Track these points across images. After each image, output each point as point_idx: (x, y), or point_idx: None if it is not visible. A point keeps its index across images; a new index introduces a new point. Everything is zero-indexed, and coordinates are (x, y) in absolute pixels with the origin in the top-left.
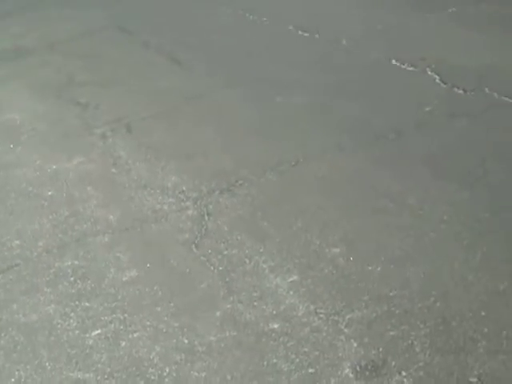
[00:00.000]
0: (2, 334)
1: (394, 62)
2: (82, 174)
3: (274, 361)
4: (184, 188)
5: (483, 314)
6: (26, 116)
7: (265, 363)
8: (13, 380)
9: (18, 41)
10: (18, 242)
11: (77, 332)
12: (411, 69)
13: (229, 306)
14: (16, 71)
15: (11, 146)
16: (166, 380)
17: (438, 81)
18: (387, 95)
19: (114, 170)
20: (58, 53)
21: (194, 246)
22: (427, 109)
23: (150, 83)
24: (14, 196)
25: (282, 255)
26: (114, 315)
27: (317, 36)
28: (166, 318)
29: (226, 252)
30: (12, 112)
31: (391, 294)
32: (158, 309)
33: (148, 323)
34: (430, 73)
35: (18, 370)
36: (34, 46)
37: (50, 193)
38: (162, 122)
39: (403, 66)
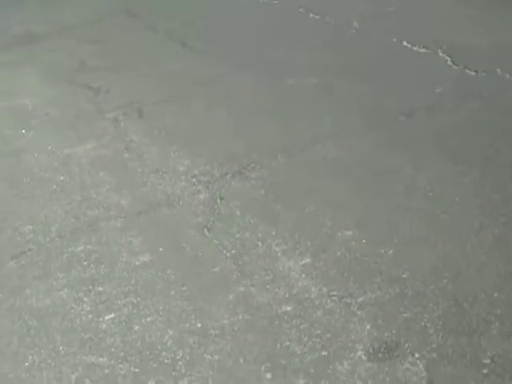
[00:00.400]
0: (16, 319)
1: (405, 43)
2: (94, 159)
3: (287, 343)
4: (196, 172)
5: (496, 295)
6: (38, 101)
7: (278, 346)
8: (27, 364)
9: (29, 26)
10: (30, 227)
11: (90, 316)
12: (422, 50)
13: (242, 289)
14: (27, 56)
15: (23, 131)
16: (180, 363)
17: (449, 62)
18: (398, 77)
19: (126, 155)
20: (69, 38)
21: (206, 229)
22: (438, 90)
23: (160, 67)
24: (26, 181)
25: (295, 238)
26: (127, 299)
27: (328, 18)
28: (178, 302)
29: (238, 235)
30: (24, 97)
31: (404, 275)
32: (171, 292)
33: (161, 307)
34: (441, 54)
35: (31, 355)
36: (45, 31)
37: (62, 178)
38: (174, 106)
39: (414, 48)
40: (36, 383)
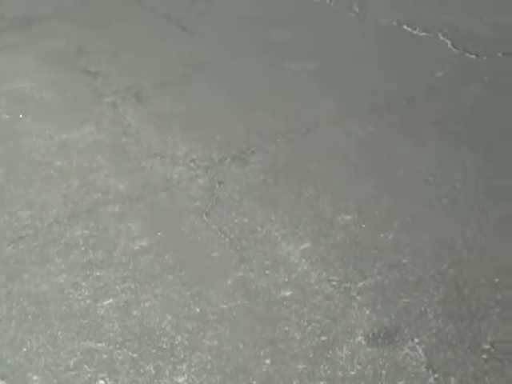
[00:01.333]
0: (14, 304)
1: (405, 27)
2: (92, 144)
3: (286, 329)
4: (195, 156)
5: (496, 280)
6: (36, 85)
7: (277, 331)
8: (25, 350)
9: (28, 9)
10: (28, 212)
11: (88, 302)
12: (423, 34)
13: (240, 274)
14: (26, 40)
15: (20, 115)
16: (178, 348)
17: (450, 46)
18: (399, 61)
19: (124, 139)
20: (68, 22)
21: (205, 214)
22: (439, 74)
23: (160, 51)
24: (23, 166)
25: (294, 223)
26: (126, 284)
27: (328, 1)
28: (177, 287)
29: (237, 220)
30: (21, 81)
31: (404, 260)
32: (170, 277)
33: (159, 292)
34: (441, 38)
35: (29, 340)
36: (44, 15)
37: (59, 163)
38: (173, 90)
39: (415, 32)
40: (34, 368)
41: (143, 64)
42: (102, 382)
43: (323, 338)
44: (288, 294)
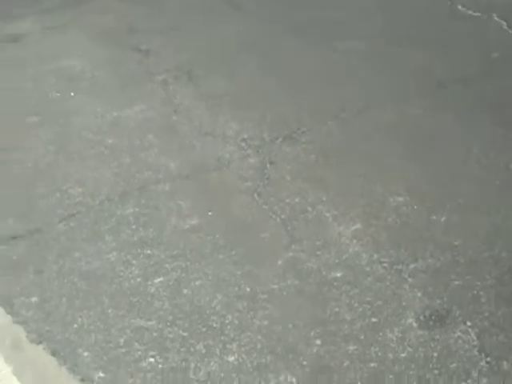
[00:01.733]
0: (65, 281)
1: (459, 7)
2: (143, 122)
3: (337, 309)
4: (245, 136)
5: None
6: (86, 63)
7: (327, 312)
8: (75, 326)
9: None
10: (79, 189)
11: (138, 280)
12: (477, 14)
13: (291, 254)
14: (76, 18)
15: (72, 93)
16: (229, 327)
17: (505, 27)
18: (452, 42)
19: (174, 118)
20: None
21: (256, 194)
22: (494, 55)
23: (211, 30)
24: (74, 144)
25: (345, 204)
26: (176, 263)
27: None
28: (227, 266)
29: (288, 200)
30: (72, 59)
31: (456, 243)
32: (220, 256)
33: (210, 271)
34: (496, 19)
35: (80, 317)
36: None
37: (110, 141)
38: (223, 69)
39: (469, 12)
40: (85, 345)
41: (194, 42)
42: (151, 359)
43: (374, 320)
44: (339, 274)
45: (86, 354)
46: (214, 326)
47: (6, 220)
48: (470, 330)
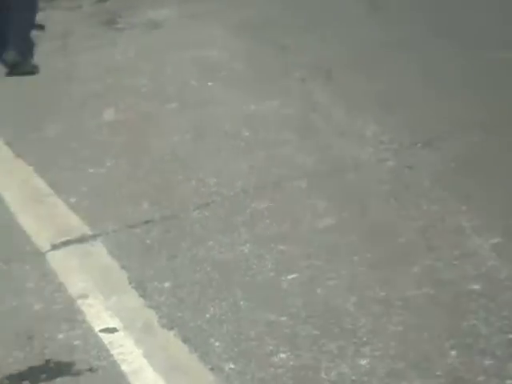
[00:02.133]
0: (198, 269)
1: None
2: (280, 117)
3: (474, 322)
4: (384, 138)
5: None
6: (224, 54)
7: (464, 324)
8: (207, 316)
9: None
10: (215, 179)
11: (272, 274)
12: None
13: (428, 262)
14: (215, 9)
15: (209, 83)
16: (362, 330)
17: None
18: None
19: (312, 115)
20: None
21: (393, 198)
22: None
23: (349, 29)
24: (211, 134)
25: (486, 215)
26: (310, 261)
27: None
28: (362, 269)
29: (426, 207)
30: (210, 49)
31: None
32: (355, 258)
33: (344, 272)
34: None
35: (212, 306)
36: None
37: (247, 133)
38: (363, 69)
39: None
40: (216, 335)
41: (332, 41)
42: (283, 355)
43: (511, 337)
44: (476, 287)
45: (217, 343)
46: (347, 327)
47: (141, 204)
48: None
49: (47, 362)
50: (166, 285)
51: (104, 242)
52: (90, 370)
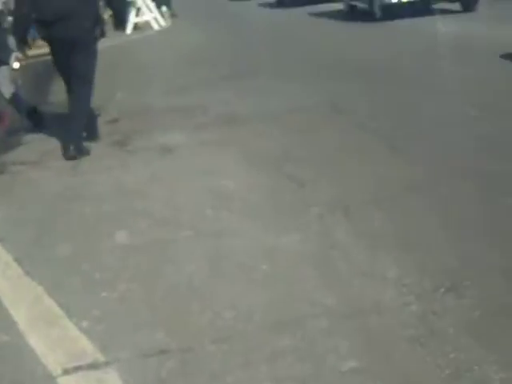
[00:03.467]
0: None
1: None
2: (298, 252)
3: None
4: (406, 281)
5: None
6: (240, 184)
7: None
8: None
9: (232, 107)
10: (232, 312)
11: None
12: None
13: None
14: (230, 137)
15: (224, 213)
16: None
17: None
18: None
19: (331, 253)
20: (273, 125)
21: (418, 344)
22: None
23: (367, 167)
24: (227, 265)
25: None
26: None
27: None
28: None
29: (452, 355)
30: (225, 178)
31: None
32: None
33: None
34: None
35: None
36: (248, 115)
37: (264, 267)
38: (382, 209)
39: None
40: None
41: (351, 178)
42: None
43: None
44: None
45: None
46: None
47: (156, 333)
48: None
49: None
50: None
51: (117, 370)
52: None
